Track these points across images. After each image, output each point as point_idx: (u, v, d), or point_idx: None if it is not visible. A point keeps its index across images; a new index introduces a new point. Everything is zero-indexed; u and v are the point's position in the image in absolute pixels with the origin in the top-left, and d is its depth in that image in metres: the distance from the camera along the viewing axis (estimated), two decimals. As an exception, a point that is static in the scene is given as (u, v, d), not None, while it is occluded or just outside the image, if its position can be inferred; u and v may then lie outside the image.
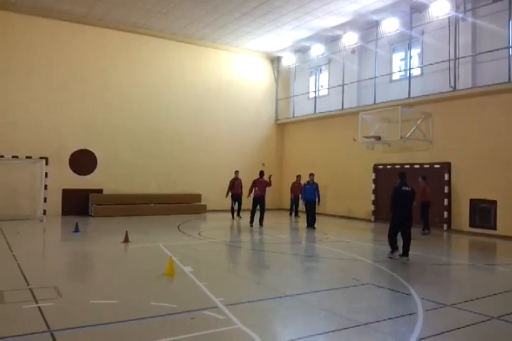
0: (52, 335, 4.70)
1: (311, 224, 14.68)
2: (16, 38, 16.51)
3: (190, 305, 5.86)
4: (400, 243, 9.47)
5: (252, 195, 15.14)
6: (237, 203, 17.18)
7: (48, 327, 4.95)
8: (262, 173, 15.18)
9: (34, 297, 6.07)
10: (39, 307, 5.59)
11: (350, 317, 5.55)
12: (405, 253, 9.37)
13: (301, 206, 18.40)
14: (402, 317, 5.57)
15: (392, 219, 9.62)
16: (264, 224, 14.73)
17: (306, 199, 15.08)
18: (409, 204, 9.44)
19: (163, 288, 6.99)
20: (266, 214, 14.91)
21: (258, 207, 14.90)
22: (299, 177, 18.67)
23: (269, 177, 15.18)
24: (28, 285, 6.73)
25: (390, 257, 9.56)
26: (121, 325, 5.10)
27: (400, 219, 9.48)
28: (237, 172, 17.50)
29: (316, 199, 14.90)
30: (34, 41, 16.79)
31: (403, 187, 9.52)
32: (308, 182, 15.34)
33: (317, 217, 14.77)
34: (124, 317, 5.32)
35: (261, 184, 14.93)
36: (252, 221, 14.79)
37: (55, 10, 16.64)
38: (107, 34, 18.22)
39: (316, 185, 15.14)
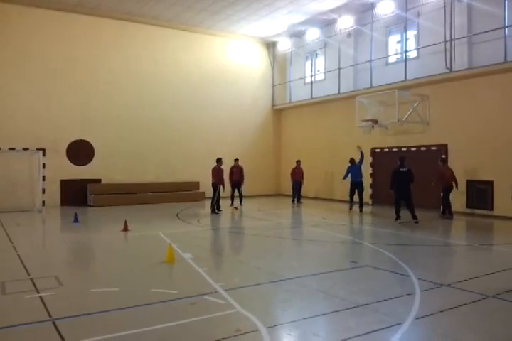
0: (54, 323, 4.77)
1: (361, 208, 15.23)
2: (9, 28, 16.30)
3: (190, 290, 5.92)
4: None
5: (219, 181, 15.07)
6: (236, 190, 17.21)
7: (50, 315, 5.01)
8: (218, 160, 15.35)
9: (35, 287, 6.13)
10: (40, 297, 5.65)
11: (348, 298, 5.62)
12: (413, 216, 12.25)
13: (305, 192, 18.47)
14: (400, 298, 5.64)
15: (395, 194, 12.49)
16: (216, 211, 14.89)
17: (356, 180, 15.38)
18: (407, 182, 12.10)
19: (164, 274, 7.06)
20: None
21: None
22: (298, 162, 18.53)
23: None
24: (29, 275, 6.79)
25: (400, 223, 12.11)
26: (122, 312, 5.16)
27: (399, 195, 12.29)
28: (236, 160, 17.53)
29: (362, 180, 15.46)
30: (27, 32, 16.58)
31: (401, 168, 12.14)
32: (356, 162, 15.58)
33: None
34: (125, 304, 5.37)
35: (217, 171, 15.09)
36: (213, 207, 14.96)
37: (47, -1, 16.45)
38: (101, 23, 18.00)
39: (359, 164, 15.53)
